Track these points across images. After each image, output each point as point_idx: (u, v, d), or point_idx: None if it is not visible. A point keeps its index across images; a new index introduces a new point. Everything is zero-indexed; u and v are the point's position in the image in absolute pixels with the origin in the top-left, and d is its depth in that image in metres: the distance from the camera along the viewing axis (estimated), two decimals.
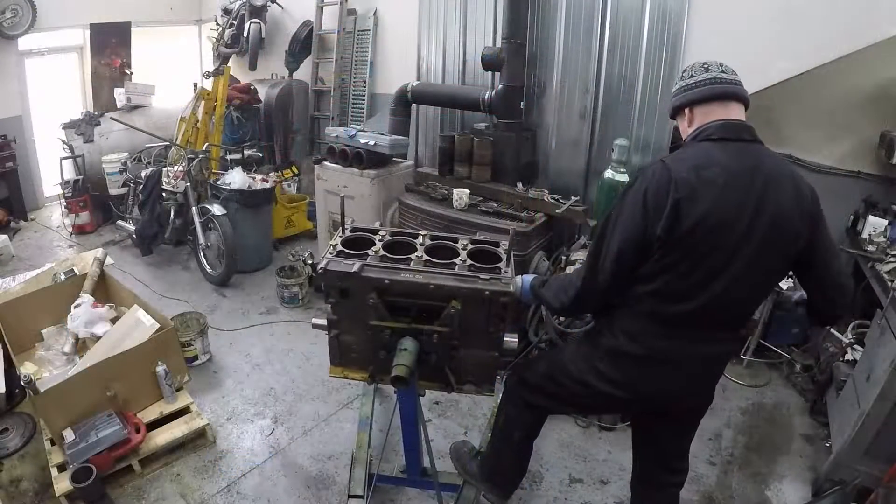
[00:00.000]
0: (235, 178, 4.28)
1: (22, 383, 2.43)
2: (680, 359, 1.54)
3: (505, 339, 1.83)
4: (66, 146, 5.20)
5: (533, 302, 1.83)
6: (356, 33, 5.31)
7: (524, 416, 1.90)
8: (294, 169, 5.48)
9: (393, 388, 1.77)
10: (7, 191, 5.26)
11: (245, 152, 4.80)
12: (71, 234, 5.22)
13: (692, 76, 1.53)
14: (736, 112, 1.50)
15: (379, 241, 1.92)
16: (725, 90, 1.49)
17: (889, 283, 2.52)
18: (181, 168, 4.19)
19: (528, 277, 1.83)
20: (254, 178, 4.42)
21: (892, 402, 2.18)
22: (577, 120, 3.79)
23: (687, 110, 1.54)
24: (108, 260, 3.55)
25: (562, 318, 2.91)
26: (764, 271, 1.47)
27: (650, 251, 1.44)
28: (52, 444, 2.46)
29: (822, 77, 3.03)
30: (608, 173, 3.31)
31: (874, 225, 2.99)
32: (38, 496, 2.40)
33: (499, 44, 3.75)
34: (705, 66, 1.53)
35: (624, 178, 3.26)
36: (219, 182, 4.32)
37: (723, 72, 1.51)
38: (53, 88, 5.82)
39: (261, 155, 5.08)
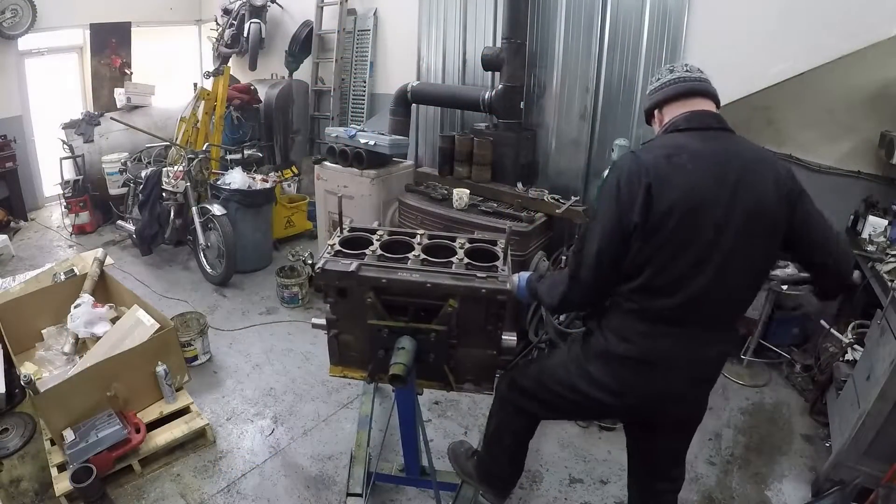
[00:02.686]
0: (235, 178, 4.29)
1: (22, 383, 2.43)
2: (672, 361, 1.51)
3: (503, 337, 1.83)
4: (66, 146, 5.21)
5: (530, 300, 1.81)
6: (356, 33, 5.32)
7: (515, 422, 1.87)
8: (294, 169, 5.48)
9: (391, 386, 1.77)
10: (7, 191, 5.27)
11: (245, 152, 4.80)
12: (71, 234, 5.23)
13: (658, 79, 1.59)
14: (702, 106, 1.52)
15: (377, 240, 1.92)
16: (690, 87, 1.53)
17: (889, 283, 2.51)
18: (181, 168, 4.20)
19: (525, 275, 1.82)
20: (254, 178, 4.43)
21: (892, 402, 2.18)
22: (577, 120, 3.79)
23: (656, 112, 1.59)
24: (108, 260, 3.55)
25: (561, 318, 2.91)
26: (749, 260, 1.44)
27: (630, 243, 1.43)
28: (52, 444, 2.46)
29: (822, 77, 3.03)
30: (608, 173, 3.30)
31: (874, 225, 2.98)
32: (38, 496, 2.40)
33: (499, 44, 3.76)
34: (670, 68, 1.59)
35: None
36: (219, 182, 4.33)
37: (686, 71, 1.56)
38: (53, 88, 5.83)
39: (261, 155, 5.09)
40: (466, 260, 1.82)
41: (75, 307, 2.98)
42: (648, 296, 1.46)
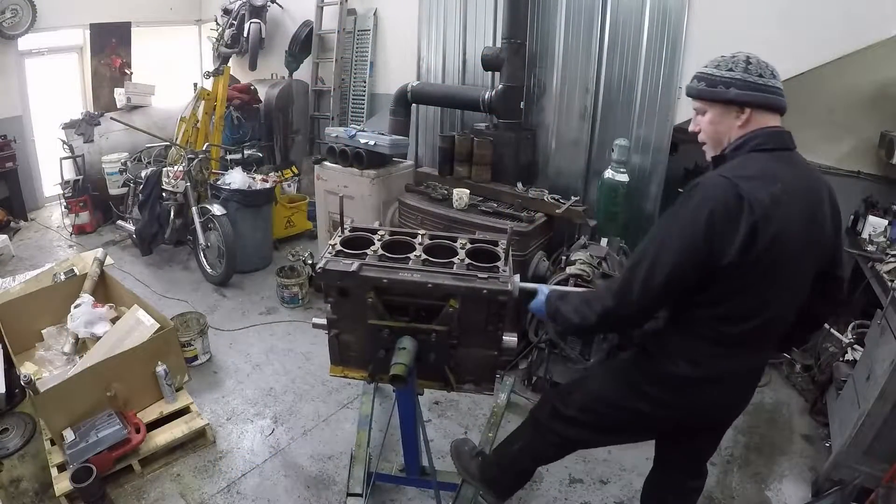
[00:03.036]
0: (235, 178, 4.29)
1: (22, 383, 2.43)
2: (735, 376, 1.52)
3: (504, 337, 1.83)
4: (66, 146, 5.20)
5: (548, 318, 1.67)
6: (356, 33, 5.32)
7: (550, 451, 1.84)
8: (294, 169, 5.48)
9: (392, 387, 1.77)
10: (7, 191, 5.27)
11: (245, 152, 4.80)
12: (71, 234, 5.22)
13: (761, 75, 1.38)
14: (778, 122, 1.44)
15: (378, 240, 1.92)
16: (786, 106, 1.43)
17: (889, 283, 2.52)
18: (181, 168, 4.20)
19: (545, 289, 1.72)
20: (254, 178, 4.43)
21: (892, 402, 2.18)
22: (577, 120, 3.79)
23: (749, 109, 1.39)
24: (108, 260, 3.55)
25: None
26: (806, 282, 1.47)
27: (715, 275, 1.35)
28: (52, 444, 2.46)
29: (822, 77, 3.03)
30: (608, 173, 3.31)
31: (874, 225, 2.99)
32: (38, 496, 2.40)
33: (499, 44, 3.76)
34: (772, 71, 1.41)
35: (624, 178, 3.26)
36: (219, 182, 4.33)
37: (781, 83, 1.43)
38: (53, 88, 5.82)
39: (261, 155, 5.09)
40: (467, 260, 1.82)
41: (75, 307, 2.98)
42: (729, 322, 1.43)
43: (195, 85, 4.74)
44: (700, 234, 1.32)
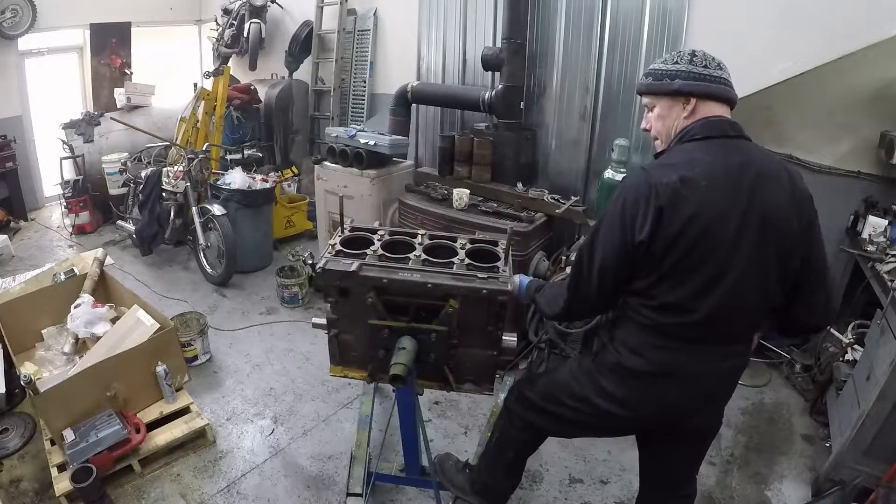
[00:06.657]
0: (235, 178, 4.29)
1: (22, 383, 2.43)
2: (686, 374, 1.48)
3: (504, 338, 1.83)
4: (66, 146, 5.20)
5: (527, 301, 1.84)
6: (356, 33, 5.32)
7: (522, 436, 1.84)
8: (294, 169, 5.48)
9: (392, 387, 1.77)
10: (7, 191, 5.27)
11: (245, 152, 4.80)
12: (71, 234, 5.23)
13: (706, 66, 1.43)
14: (722, 111, 1.45)
15: (378, 240, 1.92)
16: (733, 96, 1.46)
17: (889, 283, 2.51)
18: (181, 168, 4.19)
19: (526, 279, 1.84)
20: (254, 178, 4.43)
21: (892, 402, 2.18)
22: (577, 120, 3.79)
23: (694, 99, 1.43)
24: (108, 260, 3.55)
25: None
26: (765, 275, 1.39)
27: (638, 262, 1.40)
28: (52, 444, 2.46)
29: (822, 77, 3.02)
30: (608, 173, 3.31)
31: (874, 225, 2.98)
32: (38, 496, 2.40)
33: (499, 44, 3.76)
34: (719, 63, 1.45)
35: None
36: (219, 182, 4.33)
37: (727, 76, 1.47)
38: (53, 88, 5.82)
39: (261, 155, 5.09)
40: (467, 260, 1.82)
41: (75, 307, 2.98)
42: (662, 313, 1.43)
43: (195, 85, 4.73)
44: (617, 223, 1.40)
